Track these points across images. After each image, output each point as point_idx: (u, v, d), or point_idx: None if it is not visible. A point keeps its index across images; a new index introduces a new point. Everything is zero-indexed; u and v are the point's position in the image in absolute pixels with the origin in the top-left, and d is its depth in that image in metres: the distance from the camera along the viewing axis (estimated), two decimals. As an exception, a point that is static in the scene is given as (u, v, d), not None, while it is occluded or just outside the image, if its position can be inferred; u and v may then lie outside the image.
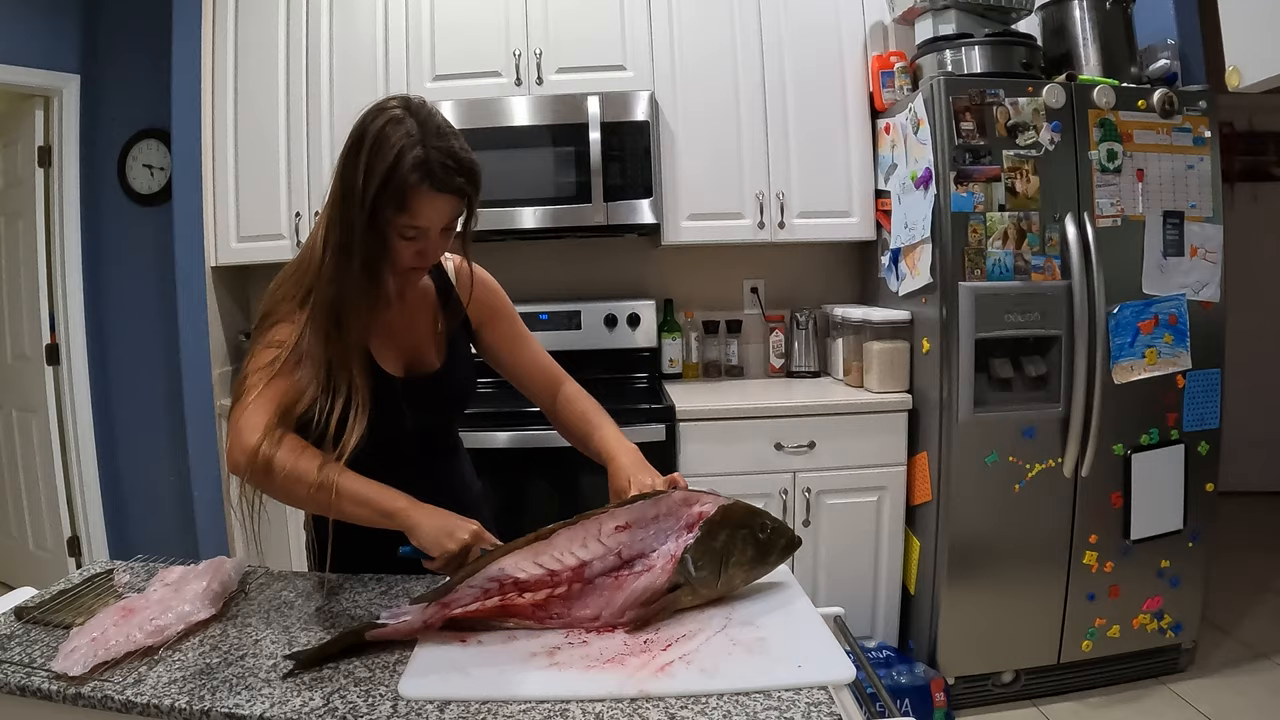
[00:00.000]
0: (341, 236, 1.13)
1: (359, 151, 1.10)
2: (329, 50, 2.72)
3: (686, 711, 0.87)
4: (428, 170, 1.09)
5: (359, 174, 1.09)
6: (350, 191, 1.11)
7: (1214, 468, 2.46)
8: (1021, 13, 2.58)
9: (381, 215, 1.11)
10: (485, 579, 1.04)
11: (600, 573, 1.06)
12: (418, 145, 1.09)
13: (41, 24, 3.07)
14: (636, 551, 1.08)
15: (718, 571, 1.08)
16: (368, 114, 1.13)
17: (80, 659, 0.96)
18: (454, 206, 1.15)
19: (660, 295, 3.03)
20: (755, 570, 1.12)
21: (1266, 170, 4.15)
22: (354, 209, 1.10)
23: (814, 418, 2.49)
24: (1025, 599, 2.39)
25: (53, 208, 3.19)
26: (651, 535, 1.09)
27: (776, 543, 1.13)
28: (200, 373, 2.79)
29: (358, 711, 0.89)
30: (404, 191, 1.09)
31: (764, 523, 1.13)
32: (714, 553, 1.08)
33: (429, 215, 1.13)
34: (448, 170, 1.10)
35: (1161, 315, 2.39)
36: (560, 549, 1.06)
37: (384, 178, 1.08)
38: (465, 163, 1.13)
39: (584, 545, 1.06)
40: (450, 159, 1.11)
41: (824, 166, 2.76)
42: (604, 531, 1.07)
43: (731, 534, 1.10)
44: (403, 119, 1.11)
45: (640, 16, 2.71)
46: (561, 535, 1.06)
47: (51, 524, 3.31)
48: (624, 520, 1.08)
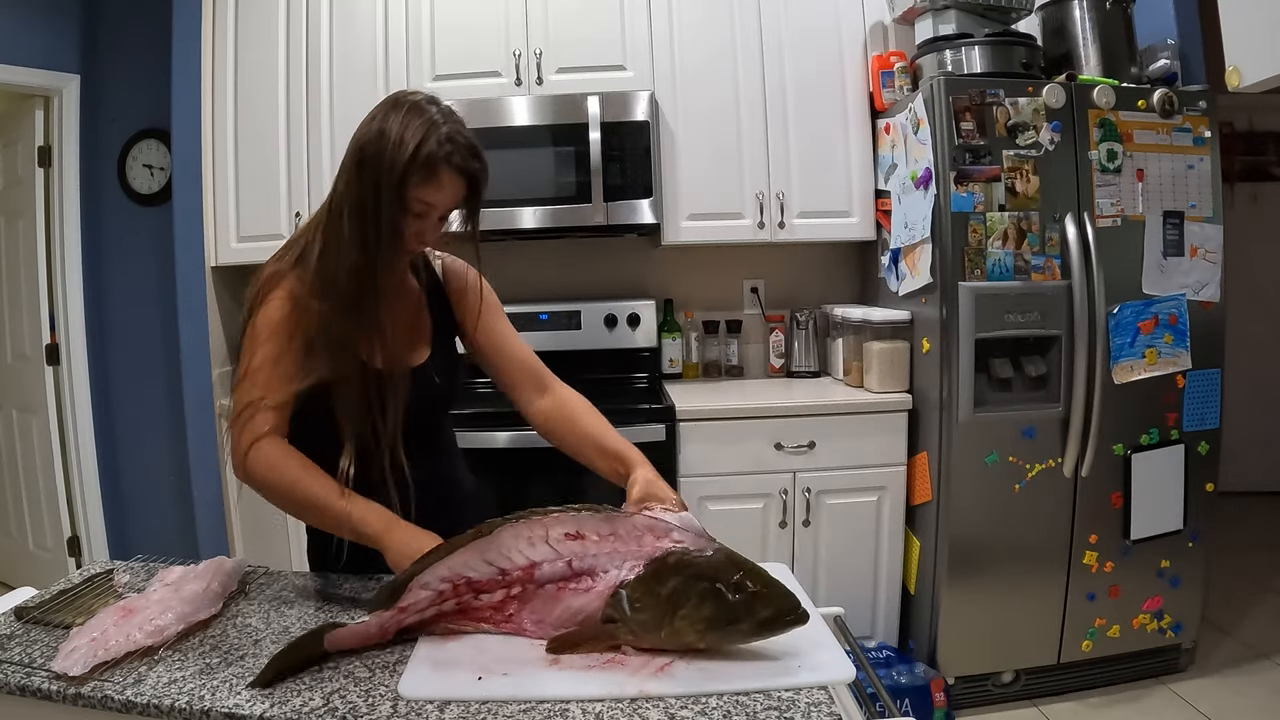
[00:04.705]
0: (364, 200, 1.15)
1: (388, 121, 1.14)
2: (329, 50, 2.71)
3: (686, 711, 0.87)
4: (455, 147, 1.16)
5: (388, 139, 1.13)
6: (378, 157, 1.13)
7: (1214, 468, 2.46)
8: (1021, 13, 2.58)
9: (407, 183, 1.14)
10: (438, 579, 1.01)
11: (549, 578, 1.01)
12: (447, 124, 1.16)
13: (41, 24, 3.07)
14: (586, 566, 1.01)
15: (660, 620, 0.95)
16: (395, 93, 1.20)
17: (80, 659, 0.96)
18: (461, 192, 1.20)
19: (660, 295, 3.03)
20: (718, 633, 0.95)
21: (1266, 170, 4.16)
22: (383, 173, 1.13)
23: (814, 418, 2.49)
24: (1025, 599, 2.39)
25: (53, 208, 3.19)
26: (605, 554, 1.00)
27: (754, 612, 0.94)
28: (200, 373, 2.79)
29: (358, 711, 0.89)
30: (434, 164, 1.14)
31: (742, 583, 0.95)
32: (657, 598, 0.96)
33: (444, 192, 1.17)
34: (468, 155, 1.17)
35: (1161, 315, 2.39)
36: (507, 547, 1.01)
37: (417, 148, 1.12)
38: (481, 153, 1.20)
39: (531, 545, 1.01)
40: (471, 145, 1.18)
41: (824, 166, 2.76)
42: (551, 535, 1.01)
43: (687, 583, 0.96)
44: (429, 105, 1.18)
45: (640, 16, 2.71)
46: (506, 532, 1.00)
47: (51, 524, 3.31)
48: (573, 529, 1.01)
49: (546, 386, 1.40)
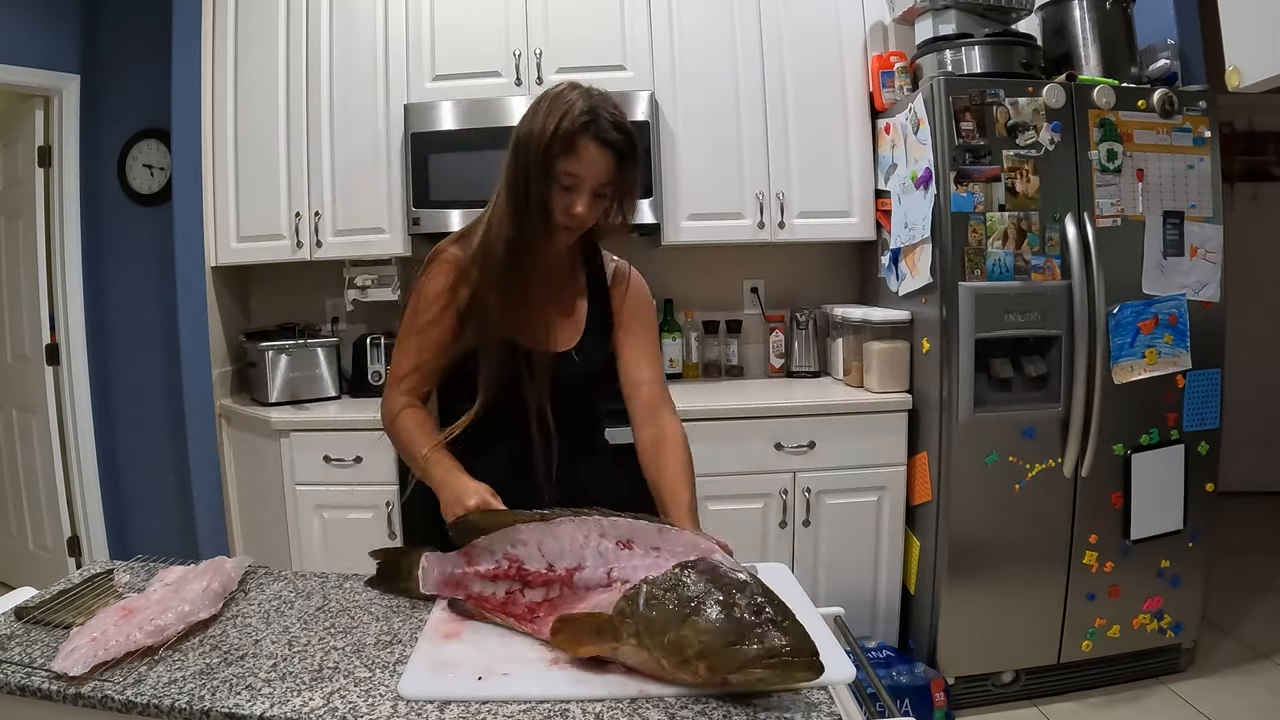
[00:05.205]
0: (515, 181, 1.27)
1: (539, 105, 1.27)
2: (329, 50, 2.71)
3: (686, 711, 0.87)
4: (594, 119, 1.24)
5: (537, 118, 1.25)
6: (527, 137, 1.26)
7: (1214, 468, 2.46)
8: (1021, 13, 2.58)
9: (551, 156, 1.24)
10: (500, 552, 1.11)
11: (586, 583, 1.04)
12: (588, 99, 1.26)
13: (41, 24, 3.07)
14: (623, 576, 1.01)
15: (668, 623, 0.90)
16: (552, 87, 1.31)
17: (80, 659, 0.96)
18: (610, 164, 1.26)
19: (660, 295, 3.02)
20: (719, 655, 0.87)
21: (1266, 170, 4.16)
22: (530, 151, 1.25)
23: (814, 418, 2.49)
24: (1025, 599, 2.39)
25: (53, 208, 3.19)
26: (645, 566, 1.00)
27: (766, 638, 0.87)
28: (200, 373, 2.79)
29: (358, 711, 0.89)
30: (572, 136, 1.23)
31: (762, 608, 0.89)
32: (675, 598, 0.92)
33: (588, 164, 1.24)
34: (610, 127, 1.25)
35: (1161, 315, 2.39)
36: (563, 540, 1.06)
37: (557, 123, 1.23)
38: (627, 127, 1.27)
39: (583, 546, 1.05)
40: (614, 120, 1.26)
41: (824, 166, 2.76)
42: (605, 540, 1.04)
43: (707, 590, 0.91)
44: (577, 87, 1.28)
45: (640, 16, 2.71)
46: (566, 525, 1.07)
47: (51, 524, 3.31)
48: (626, 536, 1.03)
49: (655, 417, 1.40)
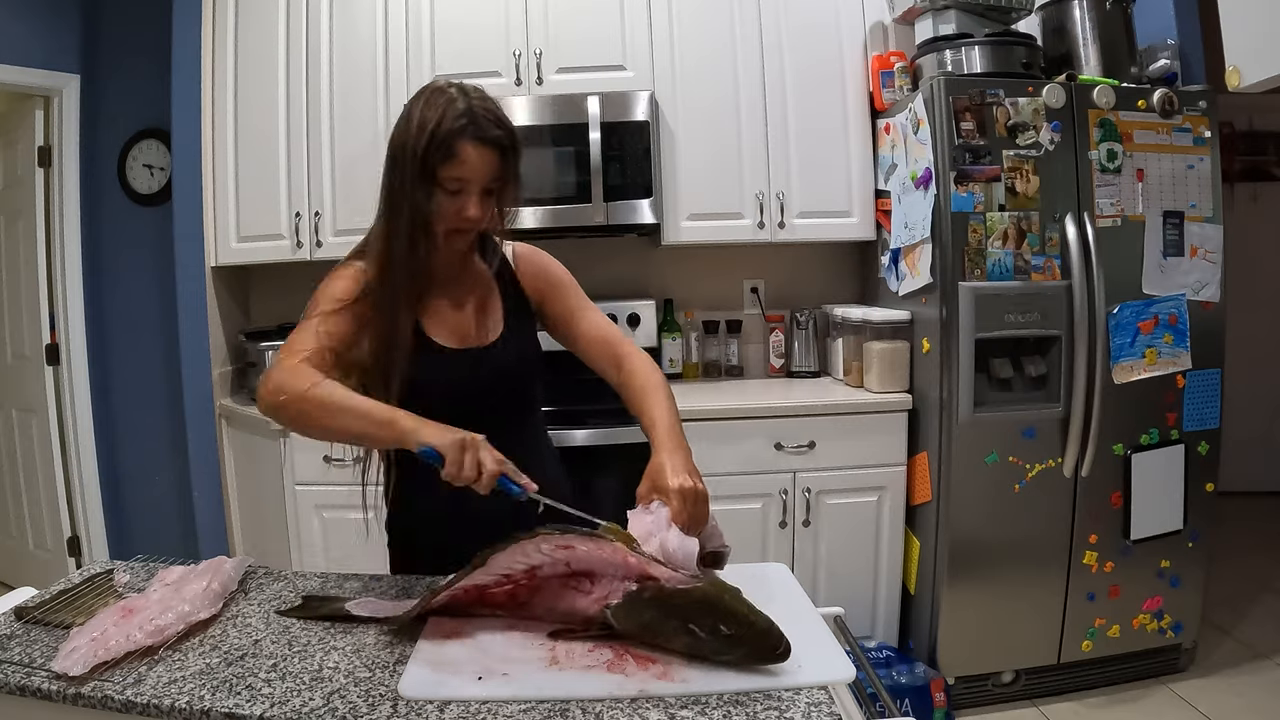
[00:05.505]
0: (393, 192, 1.23)
1: (412, 109, 1.22)
2: (329, 50, 2.71)
3: (686, 711, 0.87)
4: (471, 119, 1.18)
5: (410, 126, 1.20)
6: (402, 146, 1.21)
7: (1214, 468, 2.46)
8: (1021, 13, 2.58)
9: (429, 165, 1.19)
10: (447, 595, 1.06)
11: (552, 574, 1.04)
12: (463, 99, 1.20)
13: (41, 24, 3.07)
14: (583, 568, 1.02)
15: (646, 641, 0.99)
16: (422, 88, 1.25)
17: (80, 659, 0.96)
18: (495, 162, 1.22)
19: (660, 295, 3.03)
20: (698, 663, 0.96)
21: (1266, 170, 4.15)
22: (405, 162, 1.20)
23: (814, 418, 2.49)
24: (1025, 599, 2.39)
25: (53, 208, 3.19)
26: (599, 558, 1.01)
27: (731, 650, 0.94)
28: (200, 373, 2.79)
29: (358, 711, 0.89)
30: (449, 140, 1.18)
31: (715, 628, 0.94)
32: (638, 625, 0.99)
33: (471, 165, 1.19)
34: (489, 123, 1.20)
35: (1161, 315, 2.38)
36: (503, 565, 1.03)
37: (433, 129, 1.18)
38: (505, 121, 1.22)
39: (526, 556, 1.02)
40: (491, 115, 1.21)
41: (824, 166, 2.76)
42: (543, 548, 1.02)
43: (662, 619, 0.97)
44: (450, 86, 1.23)
45: (640, 16, 2.71)
46: (500, 557, 1.02)
47: (51, 524, 3.31)
48: (562, 543, 1.01)
49: (620, 361, 1.38)
